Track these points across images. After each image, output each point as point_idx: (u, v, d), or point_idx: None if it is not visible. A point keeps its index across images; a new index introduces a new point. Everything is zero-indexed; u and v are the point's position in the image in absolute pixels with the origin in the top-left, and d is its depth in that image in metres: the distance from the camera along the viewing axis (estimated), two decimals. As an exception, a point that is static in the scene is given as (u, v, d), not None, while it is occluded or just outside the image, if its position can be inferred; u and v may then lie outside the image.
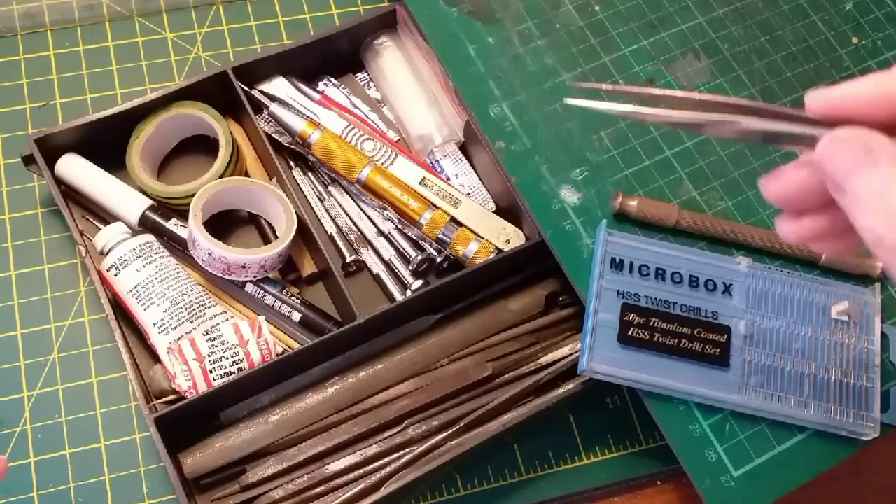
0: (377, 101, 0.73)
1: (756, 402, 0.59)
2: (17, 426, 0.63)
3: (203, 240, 0.63)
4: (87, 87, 0.73)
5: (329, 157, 0.68)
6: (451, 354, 0.65)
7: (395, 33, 0.73)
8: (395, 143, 0.71)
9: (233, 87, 0.68)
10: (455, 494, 0.64)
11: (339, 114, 0.70)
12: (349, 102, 0.72)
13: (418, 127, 0.71)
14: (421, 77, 0.72)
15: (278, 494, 0.60)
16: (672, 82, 0.69)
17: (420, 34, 0.69)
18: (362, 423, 0.62)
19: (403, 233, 0.69)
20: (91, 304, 0.67)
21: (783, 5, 0.73)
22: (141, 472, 0.63)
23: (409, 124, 0.71)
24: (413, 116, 0.71)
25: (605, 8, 0.71)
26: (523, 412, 0.61)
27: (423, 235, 0.68)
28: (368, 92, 0.73)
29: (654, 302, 0.60)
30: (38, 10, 0.75)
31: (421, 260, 0.67)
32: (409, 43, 0.73)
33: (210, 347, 0.60)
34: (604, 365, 0.58)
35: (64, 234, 0.68)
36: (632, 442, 0.67)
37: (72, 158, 0.67)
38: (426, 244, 0.68)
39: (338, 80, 0.73)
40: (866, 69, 0.71)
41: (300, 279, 0.69)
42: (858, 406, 0.59)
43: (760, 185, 0.40)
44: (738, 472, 0.58)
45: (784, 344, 0.60)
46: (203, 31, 0.77)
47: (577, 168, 0.65)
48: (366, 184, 0.68)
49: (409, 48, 0.73)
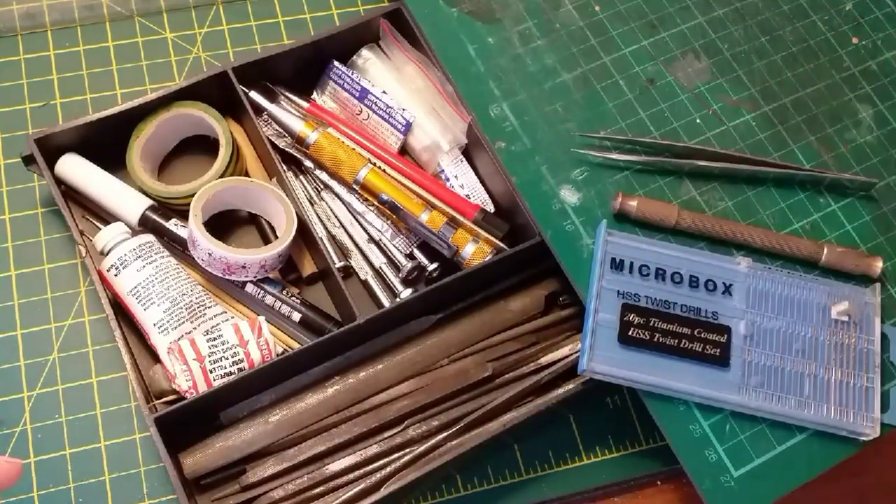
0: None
1: (756, 403, 0.59)
2: (18, 426, 0.63)
3: (203, 240, 0.63)
4: (87, 87, 0.73)
5: (327, 158, 0.68)
6: (451, 354, 0.65)
7: (374, 47, 0.73)
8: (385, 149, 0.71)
9: (233, 87, 0.68)
10: (455, 494, 0.64)
11: (329, 122, 0.70)
12: (359, 88, 0.70)
13: (421, 139, 0.70)
14: (412, 87, 0.71)
15: (278, 494, 0.60)
16: (672, 82, 0.69)
17: (421, 37, 0.69)
18: (362, 424, 0.62)
19: (394, 242, 0.69)
20: (91, 304, 0.67)
21: (783, 5, 0.73)
22: (141, 473, 0.63)
23: (411, 138, 0.71)
24: (413, 129, 0.70)
25: (606, 8, 0.71)
26: (523, 412, 0.61)
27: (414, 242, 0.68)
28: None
29: (654, 302, 0.60)
30: (38, 10, 0.75)
31: (411, 268, 0.67)
32: (396, 55, 0.72)
33: (210, 347, 0.60)
34: (604, 365, 0.58)
35: (64, 234, 0.68)
36: (632, 442, 0.67)
37: (72, 158, 0.67)
38: (418, 252, 0.69)
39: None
40: (866, 69, 0.71)
41: (300, 279, 0.69)
42: (858, 406, 0.59)
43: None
44: (738, 472, 0.58)
45: (784, 344, 0.60)
46: (203, 31, 0.77)
47: (577, 168, 0.65)
48: (364, 185, 0.68)
49: (397, 61, 0.72)
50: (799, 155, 0.68)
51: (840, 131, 0.69)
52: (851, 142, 0.69)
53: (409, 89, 0.71)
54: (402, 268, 0.68)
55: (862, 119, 0.70)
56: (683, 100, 0.68)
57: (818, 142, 0.68)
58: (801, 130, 0.69)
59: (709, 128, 0.68)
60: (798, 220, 0.65)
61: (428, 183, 0.69)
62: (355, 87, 0.71)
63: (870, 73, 0.71)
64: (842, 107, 0.70)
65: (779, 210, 0.65)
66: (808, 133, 0.69)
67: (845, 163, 0.68)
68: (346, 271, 0.68)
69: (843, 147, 0.68)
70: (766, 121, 0.69)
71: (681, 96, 0.69)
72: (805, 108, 0.69)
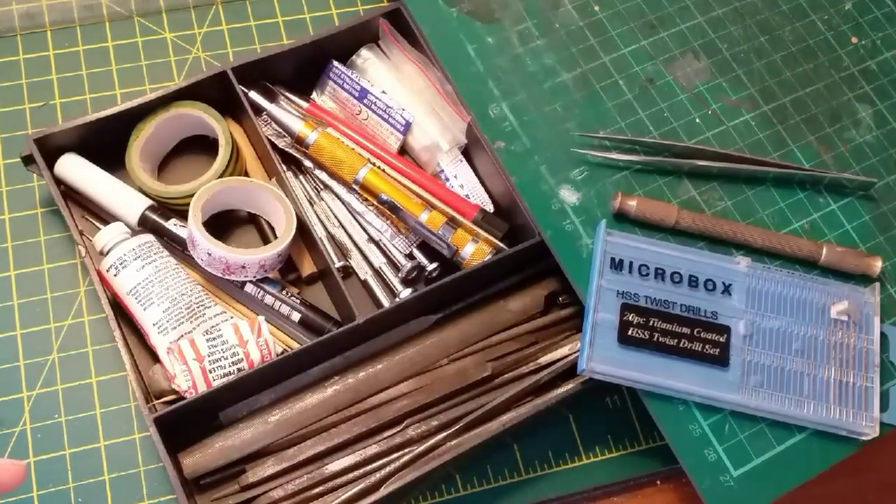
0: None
1: (756, 402, 0.59)
2: (17, 426, 0.63)
3: (203, 240, 0.63)
4: (86, 87, 0.73)
5: (327, 158, 0.68)
6: (450, 354, 0.65)
7: (373, 47, 0.73)
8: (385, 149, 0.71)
9: (232, 87, 0.68)
10: (455, 494, 0.64)
11: (329, 122, 0.70)
12: (359, 88, 0.71)
13: (421, 139, 0.70)
14: (412, 88, 0.71)
15: (278, 494, 0.60)
16: (672, 82, 0.69)
17: (420, 37, 0.69)
18: (362, 423, 0.62)
19: (393, 242, 0.69)
20: (91, 304, 0.67)
21: (782, 5, 0.73)
22: (140, 473, 0.63)
23: (410, 138, 0.71)
24: (413, 129, 0.70)
25: (605, 8, 0.71)
26: (523, 412, 0.61)
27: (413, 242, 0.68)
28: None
29: (653, 302, 0.60)
30: (37, 11, 0.75)
31: (411, 268, 0.67)
32: (395, 55, 0.72)
33: (210, 347, 0.60)
34: (603, 365, 0.58)
35: (64, 234, 0.68)
36: (631, 442, 0.67)
37: (71, 158, 0.67)
38: (417, 252, 0.69)
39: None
40: (866, 69, 0.71)
41: (300, 279, 0.69)
42: (858, 405, 0.59)
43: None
44: (737, 471, 0.58)
45: (784, 344, 0.60)
46: (203, 31, 0.77)
47: (576, 168, 0.65)
48: (363, 185, 0.68)
49: (396, 60, 0.72)
50: (798, 155, 0.68)
51: (839, 131, 0.69)
52: (851, 141, 0.69)
53: (409, 89, 0.71)
54: (401, 268, 0.68)
55: (861, 119, 0.70)
56: (683, 100, 0.68)
57: (817, 141, 0.68)
58: (800, 130, 0.69)
59: (708, 128, 0.68)
60: (797, 220, 0.65)
61: (427, 183, 0.69)
62: (355, 86, 0.71)
63: (869, 72, 0.71)
64: (841, 106, 0.70)
65: (778, 210, 0.66)
66: (807, 133, 0.69)
67: (844, 162, 0.68)
68: (345, 271, 0.68)
69: (843, 147, 0.68)
70: (766, 120, 0.69)
71: (680, 96, 0.69)
72: (804, 108, 0.69)
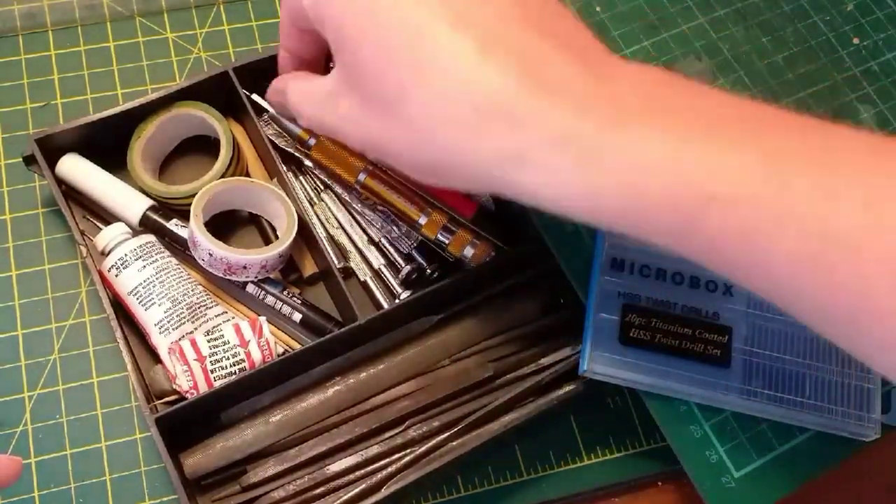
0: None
1: (757, 403, 0.58)
2: (18, 426, 0.63)
3: (204, 240, 0.63)
4: (88, 87, 0.73)
5: (328, 158, 0.68)
6: (452, 355, 0.65)
7: None
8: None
9: (234, 88, 0.68)
10: (456, 495, 0.64)
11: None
12: None
13: None
14: None
15: (279, 495, 0.60)
16: (673, 83, 0.69)
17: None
18: (363, 424, 0.62)
19: (394, 244, 0.69)
20: (92, 304, 0.67)
21: (784, 6, 0.73)
22: (142, 473, 0.63)
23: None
24: None
25: (606, 8, 0.71)
26: (524, 413, 0.61)
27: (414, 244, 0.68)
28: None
29: (654, 302, 0.60)
30: (38, 10, 0.75)
31: (410, 270, 0.67)
32: None
33: (211, 348, 0.60)
34: (604, 366, 0.58)
35: (65, 234, 0.68)
36: (632, 442, 0.67)
37: (73, 158, 0.67)
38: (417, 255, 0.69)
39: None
40: (867, 70, 0.71)
41: (301, 279, 0.69)
42: (859, 407, 0.59)
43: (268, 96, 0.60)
44: (739, 472, 0.58)
45: (785, 345, 0.60)
46: (204, 31, 0.77)
47: (578, 168, 0.65)
48: (365, 185, 0.68)
49: None
50: (800, 155, 0.68)
51: (841, 132, 0.69)
52: (852, 142, 0.69)
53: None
54: (401, 269, 0.68)
55: (863, 120, 0.69)
56: (684, 100, 0.68)
57: (819, 142, 0.68)
58: (802, 131, 0.69)
59: (710, 128, 0.68)
60: (799, 221, 0.65)
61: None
62: (356, 87, 0.71)
63: (871, 73, 0.71)
64: (843, 107, 0.70)
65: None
66: (809, 133, 0.68)
67: (846, 163, 0.68)
68: (346, 272, 0.68)
69: (844, 147, 0.68)
70: (767, 121, 0.68)
71: (682, 97, 0.68)
72: (806, 109, 0.69)
